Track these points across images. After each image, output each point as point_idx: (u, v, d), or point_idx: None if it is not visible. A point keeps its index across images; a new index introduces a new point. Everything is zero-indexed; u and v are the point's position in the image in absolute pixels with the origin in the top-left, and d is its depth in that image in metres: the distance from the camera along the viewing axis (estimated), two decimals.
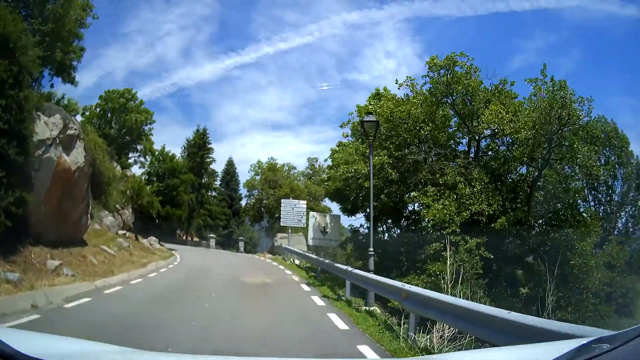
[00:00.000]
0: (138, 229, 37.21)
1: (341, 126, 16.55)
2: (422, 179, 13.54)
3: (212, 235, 47.58)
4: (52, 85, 32.42)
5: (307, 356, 5.39)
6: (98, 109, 48.46)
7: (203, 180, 52.15)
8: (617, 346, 1.43)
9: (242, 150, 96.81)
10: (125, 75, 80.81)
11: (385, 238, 18.49)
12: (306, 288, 12.63)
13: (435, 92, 15.62)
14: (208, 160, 53.59)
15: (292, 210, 30.25)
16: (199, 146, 53.29)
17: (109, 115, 47.59)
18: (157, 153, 38.66)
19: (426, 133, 14.34)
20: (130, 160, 50.01)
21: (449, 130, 16.71)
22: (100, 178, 32.08)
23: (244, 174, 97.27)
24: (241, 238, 47.76)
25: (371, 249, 10.72)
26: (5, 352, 1.61)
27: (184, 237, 53.24)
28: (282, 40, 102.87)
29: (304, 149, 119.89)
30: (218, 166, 57.25)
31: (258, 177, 42.24)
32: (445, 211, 12.05)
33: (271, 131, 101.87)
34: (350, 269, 11.09)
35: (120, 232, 32.29)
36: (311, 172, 43.81)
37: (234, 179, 60.66)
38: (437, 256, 12.18)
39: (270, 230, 40.39)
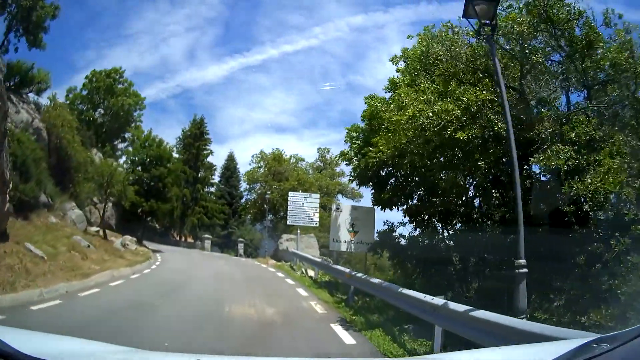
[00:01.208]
0: (121, 228, 31.60)
1: (393, 61, 10.45)
2: (542, 132, 7.45)
3: (207, 235, 41.66)
4: (16, 49, 26.95)
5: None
6: (85, 92, 42.91)
7: (199, 174, 46.30)
8: (617, 346, 1.42)
9: (245, 154, 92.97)
10: (130, 75, 78.62)
11: (446, 241, 12.35)
12: (345, 336, 6.52)
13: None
14: (205, 152, 47.77)
15: (302, 205, 24.36)
16: (195, 136, 47.51)
17: (94, 97, 41.96)
18: (143, 137, 32.82)
19: (540, 60, 8.34)
20: (118, 152, 44.49)
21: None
22: (68, 163, 26.34)
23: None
24: (241, 239, 41.85)
25: (522, 261, 4.72)
26: (5, 351, 1.59)
27: (178, 238, 47.34)
28: (287, 43, 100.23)
29: (307, 152, 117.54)
30: (218, 161, 51.69)
31: (261, 170, 35.92)
32: (612, 179, 5.98)
33: (274, 134, 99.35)
34: (452, 304, 5.07)
35: (93, 229, 26.58)
36: (322, 164, 37.83)
37: (234, 175, 54.84)
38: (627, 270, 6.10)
39: (274, 230, 34.40)
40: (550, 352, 1.73)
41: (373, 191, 13.90)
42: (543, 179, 8.39)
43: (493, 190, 9.10)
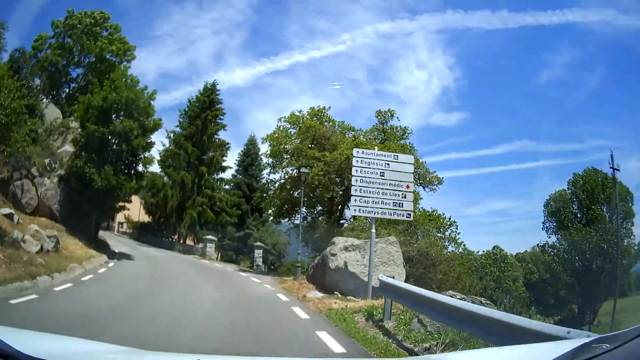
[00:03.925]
0: (70, 216, 20.23)
1: None
2: None
3: (210, 237, 29.22)
4: None
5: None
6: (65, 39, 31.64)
7: (205, 155, 34.13)
8: (617, 346, 1.42)
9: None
10: (156, 77, 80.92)
11: None
12: None
13: None
14: (215, 125, 35.65)
15: (381, 176, 11.78)
16: (204, 105, 35.52)
17: (65, 42, 30.62)
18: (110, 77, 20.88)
19: None
20: None
21: None
22: None
23: None
24: (258, 244, 29.38)
25: None
26: (6, 351, 1.59)
27: (175, 239, 35.15)
28: (314, 48, 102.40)
29: None
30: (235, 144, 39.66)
31: (293, 140, 22.54)
32: None
33: None
34: None
35: (5, 210, 15.56)
36: (383, 135, 24.77)
37: (255, 163, 42.69)
38: None
39: (310, 230, 21.34)
40: (550, 352, 1.70)
41: None
42: None
43: None
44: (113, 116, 19.09)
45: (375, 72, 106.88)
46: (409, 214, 12.23)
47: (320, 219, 21.77)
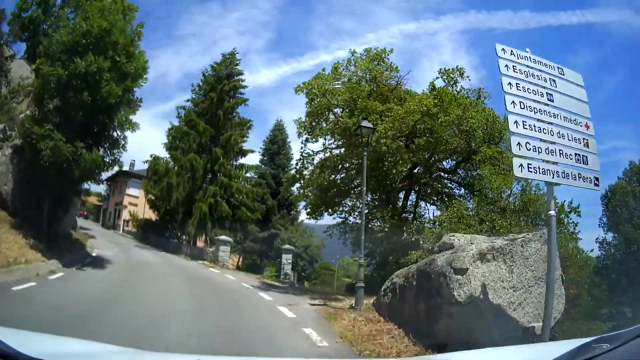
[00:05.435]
0: (28, 203, 14.68)
1: None
2: None
3: (223, 237, 22.81)
4: None
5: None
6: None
7: (221, 134, 27.85)
8: (617, 346, 1.40)
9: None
10: (180, 77, 75.38)
11: None
12: None
13: None
14: (233, 99, 29.46)
15: (547, 103, 5.15)
16: (220, 77, 29.44)
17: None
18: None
19: None
20: None
21: None
22: None
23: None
24: (287, 247, 23.02)
25: None
26: (5, 352, 1.55)
27: (183, 239, 29.04)
28: (340, 48, 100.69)
29: None
30: (259, 130, 33.38)
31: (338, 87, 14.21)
32: None
33: None
34: None
35: None
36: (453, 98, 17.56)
37: (283, 151, 36.57)
38: None
39: (356, 228, 14.09)
40: (550, 352, 1.68)
41: None
42: None
43: None
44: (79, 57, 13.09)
45: (400, 71, 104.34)
46: (597, 179, 5.56)
47: (375, 211, 15.10)
